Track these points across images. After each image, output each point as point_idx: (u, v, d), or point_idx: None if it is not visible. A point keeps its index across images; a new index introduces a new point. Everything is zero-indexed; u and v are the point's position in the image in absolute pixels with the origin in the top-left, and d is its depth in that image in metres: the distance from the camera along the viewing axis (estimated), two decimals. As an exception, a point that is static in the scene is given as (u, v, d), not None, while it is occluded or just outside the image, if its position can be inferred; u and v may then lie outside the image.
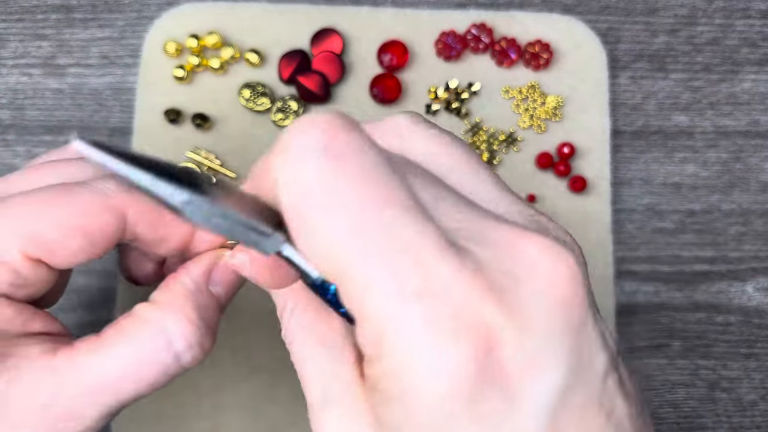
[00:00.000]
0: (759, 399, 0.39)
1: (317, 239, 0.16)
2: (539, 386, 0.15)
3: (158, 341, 0.22)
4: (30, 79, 0.40)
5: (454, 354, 0.15)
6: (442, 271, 0.15)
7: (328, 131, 0.16)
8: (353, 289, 0.16)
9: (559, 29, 0.41)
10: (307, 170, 0.16)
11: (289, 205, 0.16)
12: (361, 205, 0.16)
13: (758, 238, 0.40)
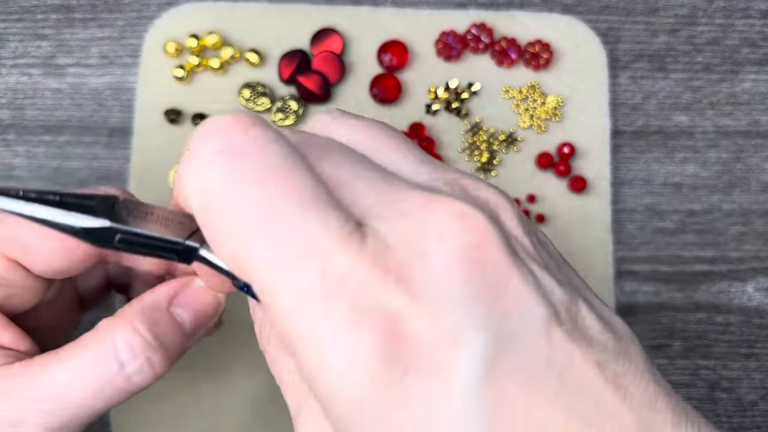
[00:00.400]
0: (759, 399, 0.39)
1: (223, 241, 0.16)
2: (459, 360, 0.14)
3: (103, 349, 0.22)
4: (30, 78, 0.40)
5: (357, 344, 0.14)
6: (341, 260, 0.15)
7: (228, 132, 0.16)
8: (261, 291, 0.16)
9: (559, 29, 0.41)
10: (209, 173, 0.16)
11: (196, 210, 0.17)
12: (259, 202, 0.15)
13: (759, 238, 0.40)
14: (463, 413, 0.14)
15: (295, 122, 0.39)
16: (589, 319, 0.16)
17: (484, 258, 0.15)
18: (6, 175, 0.39)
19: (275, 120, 0.39)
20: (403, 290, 0.15)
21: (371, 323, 0.14)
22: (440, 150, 0.39)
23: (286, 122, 0.39)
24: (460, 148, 0.40)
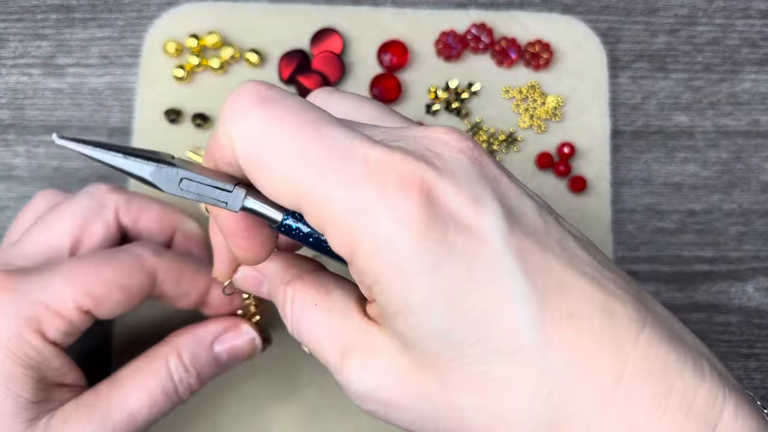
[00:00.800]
0: (759, 399, 0.39)
1: (274, 174, 0.19)
2: (485, 216, 0.19)
3: (163, 373, 0.28)
4: (30, 78, 0.40)
5: (407, 204, 0.18)
6: (378, 153, 0.19)
7: (257, 88, 0.20)
8: (316, 206, 0.19)
9: (559, 29, 0.41)
10: (252, 119, 0.19)
11: (245, 155, 0.20)
12: (299, 130, 0.19)
13: (759, 238, 0.40)
14: (500, 258, 0.19)
15: (295, 122, 0.39)
16: (569, 226, 0.22)
17: (479, 158, 0.20)
18: (6, 175, 0.39)
19: (275, 120, 0.39)
20: (432, 168, 0.19)
21: (416, 190, 0.19)
22: (440, 150, 0.39)
23: (286, 122, 0.39)
24: (460, 148, 0.40)
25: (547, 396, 0.19)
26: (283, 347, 0.37)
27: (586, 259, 0.20)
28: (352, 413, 0.36)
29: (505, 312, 0.19)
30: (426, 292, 0.19)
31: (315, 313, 0.23)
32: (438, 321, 0.19)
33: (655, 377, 0.19)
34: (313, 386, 0.36)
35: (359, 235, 0.19)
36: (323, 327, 0.23)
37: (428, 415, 0.20)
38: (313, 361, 0.36)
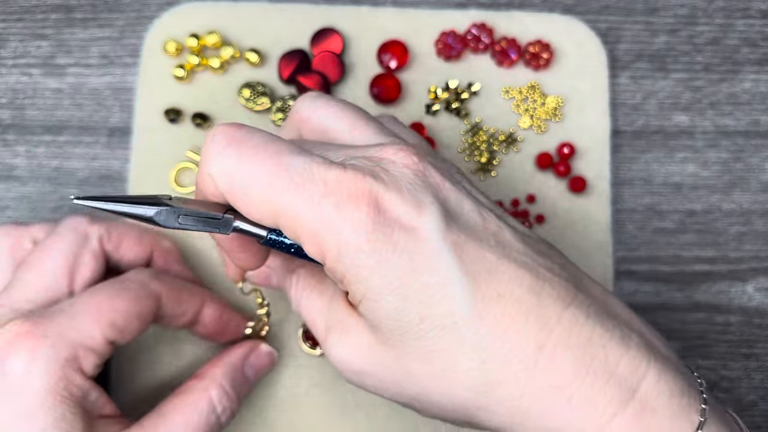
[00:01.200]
0: (759, 399, 0.39)
1: (251, 201, 0.23)
2: (424, 218, 0.23)
3: (205, 407, 0.30)
4: (30, 78, 0.40)
5: (357, 214, 0.22)
6: (333, 175, 0.23)
7: (227, 131, 0.24)
8: (289, 223, 0.23)
9: (559, 29, 0.41)
10: (225, 160, 0.23)
11: (226, 188, 0.24)
12: (265, 162, 0.23)
13: (759, 238, 0.40)
14: (437, 251, 0.23)
15: (295, 122, 0.39)
16: (512, 221, 0.26)
17: (423, 171, 0.24)
18: (6, 175, 0.39)
19: (275, 120, 0.39)
20: (379, 182, 0.23)
21: (364, 202, 0.22)
22: (440, 150, 0.39)
23: (286, 122, 0.39)
24: (459, 149, 0.40)
25: (481, 363, 0.23)
26: (283, 347, 0.37)
27: (520, 249, 0.24)
28: (352, 413, 0.36)
29: (443, 295, 0.23)
30: (378, 282, 0.23)
31: (311, 296, 0.28)
32: (390, 305, 0.23)
33: (577, 347, 0.23)
34: (315, 387, 0.36)
35: (325, 244, 0.23)
36: (316, 307, 0.28)
37: (389, 380, 0.25)
38: (313, 364, 0.37)
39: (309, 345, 0.36)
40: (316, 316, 0.28)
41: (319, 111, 0.29)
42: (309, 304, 0.28)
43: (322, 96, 0.29)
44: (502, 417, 0.24)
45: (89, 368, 0.28)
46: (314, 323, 0.28)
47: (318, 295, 0.28)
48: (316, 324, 0.28)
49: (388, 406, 0.36)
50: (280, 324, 0.37)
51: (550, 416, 0.23)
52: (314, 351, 0.36)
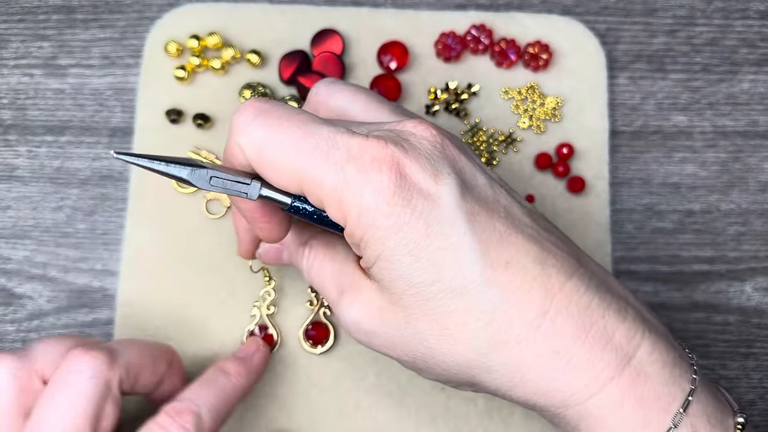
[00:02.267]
0: (757, 398, 0.39)
1: (278, 168, 0.25)
2: (442, 186, 0.24)
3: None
4: (31, 79, 0.41)
5: (379, 177, 0.24)
6: (356, 142, 0.24)
7: (254, 104, 0.25)
8: (313, 188, 0.24)
9: (558, 30, 0.41)
10: (254, 130, 0.25)
11: (254, 157, 0.25)
12: (292, 131, 0.24)
13: (757, 238, 0.40)
14: (452, 218, 0.24)
15: (295, 122, 0.39)
16: (519, 198, 0.27)
17: (441, 143, 0.25)
18: (8, 175, 0.39)
19: (276, 120, 0.39)
20: (402, 149, 0.24)
21: (386, 166, 0.24)
22: (440, 150, 0.40)
23: (287, 122, 0.39)
24: (459, 149, 0.40)
25: (487, 323, 0.24)
26: (282, 347, 0.37)
27: (528, 223, 0.26)
28: (352, 413, 0.36)
29: (455, 259, 0.24)
30: (393, 244, 0.24)
31: (323, 262, 0.29)
32: (403, 266, 0.24)
33: (577, 314, 0.24)
34: (314, 388, 0.37)
35: (347, 206, 0.24)
36: (328, 272, 0.29)
37: (398, 341, 0.26)
38: (314, 361, 0.37)
39: (309, 344, 0.37)
40: (327, 280, 0.29)
41: (335, 94, 0.30)
42: (321, 270, 0.29)
43: (338, 81, 0.31)
44: (503, 378, 0.25)
45: (104, 424, 0.29)
46: (325, 287, 0.29)
47: (330, 260, 0.29)
48: (327, 288, 0.29)
49: (389, 407, 0.36)
50: (280, 323, 0.37)
51: (549, 378, 0.24)
52: (314, 350, 0.37)
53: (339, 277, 0.28)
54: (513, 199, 0.26)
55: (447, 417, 0.36)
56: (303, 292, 0.37)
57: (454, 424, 0.36)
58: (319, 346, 0.37)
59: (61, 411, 0.28)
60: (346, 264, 0.28)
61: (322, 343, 0.37)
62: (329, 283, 0.29)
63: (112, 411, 0.29)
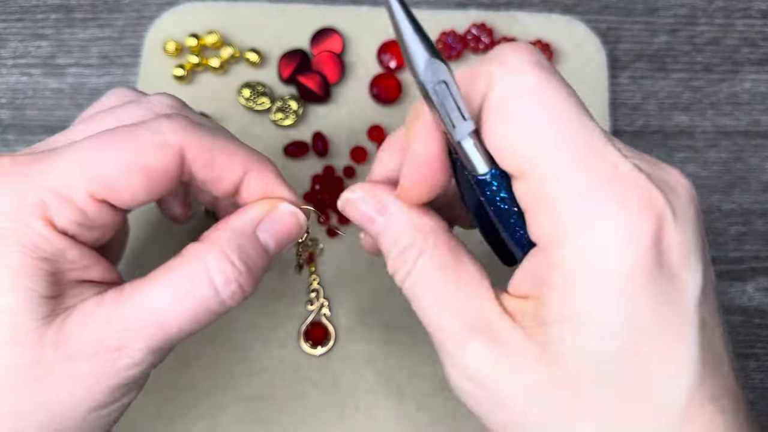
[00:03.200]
0: (759, 398, 0.39)
1: (519, 132, 0.20)
2: (691, 274, 0.19)
3: (199, 275, 0.23)
4: (30, 78, 0.40)
5: (638, 224, 0.18)
6: (625, 168, 0.19)
7: (534, 53, 0.20)
8: (542, 178, 0.19)
9: (559, 29, 0.41)
10: (526, 75, 0.20)
11: (499, 98, 0.20)
12: (564, 109, 0.20)
13: (759, 238, 0.40)
14: (686, 319, 0.19)
15: (294, 122, 0.39)
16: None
17: (700, 214, 0.20)
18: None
19: (275, 120, 0.39)
20: (668, 202, 0.19)
21: (651, 213, 0.19)
22: (440, 150, 0.39)
23: (286, 122, 0.39)
24: (459, 148, 0.40)
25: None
26: (282, 347, 0.37)
27: (730, 358, 0.21)
28: (351, 414, 0.36)
29: (666, 373, 0.19)
30: (612, 314, 0.19)
31: (443, 283, 0.22)
32: (607, 346, 0.19)
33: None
34: (314, 388, 0.36)
35: (572, 227, 0.19)
36: (449, 298, 0.22)
37: (512, 409, 0.20)
38: (313, 362, 0.37)
39: (309, 345, 0.36)
40: (446, 309, 0.21)
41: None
42: (438, 293, 0.22)
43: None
44: None
45: (62, 221, 0.23)
46: (439, 316, 0.22)
47: (454, 283, 0.22)
48: (442, 318, 0.21)
49: (388, 408, 0.36)
50: (280, 323, 0.37)
51: None
52: (314, 351, 0.36)
53: (466, 312, 0.21)
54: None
55: (447, 417, 0.36)
56: (303, 292, 0.37)
57: (454, 425, 0.36)
58: (319, 347, 0.36)
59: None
60: (479, 296, 0.21)
61: (322, 344, 0.37)
62: (447, 314, 0.21)
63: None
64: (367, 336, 0.37)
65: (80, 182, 0.23)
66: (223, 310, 0.24)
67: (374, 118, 0.40)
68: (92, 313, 0.23)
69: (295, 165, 0.39)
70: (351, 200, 0.24)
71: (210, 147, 0.25)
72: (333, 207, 0.38)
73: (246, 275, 0.24)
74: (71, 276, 0.24)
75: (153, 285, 0.23)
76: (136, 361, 0.23)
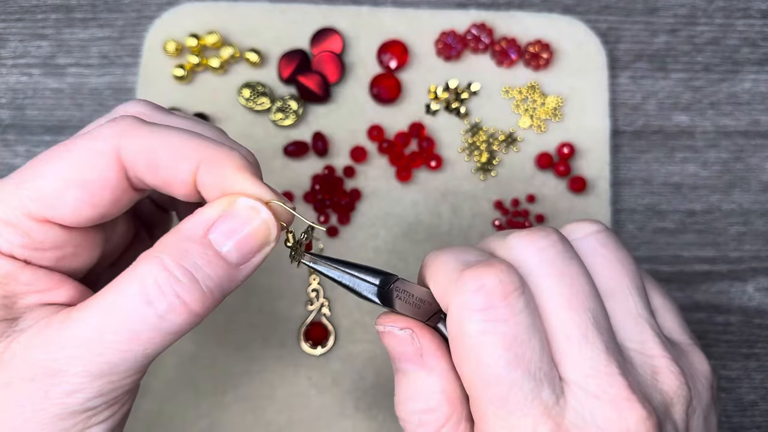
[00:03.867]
0: (759, 399, 0.39)
1: (463, 366, 0.21)
2: None
3: (132, 287, 0.20)
4: (30, 78, 0.40)
5: None
6: (543, 429, 0.20)
7: (492, 295, 0.21)
8: (478, 410, 0.21)
9: (559, 29, 0.41)
10: (470, 321, 0.21)
11: (451, 333, 0.21)
12: (500, 362, 0.20)
13: (759, 238, 0.40)
14: None
15: (295, 122, 0.39)
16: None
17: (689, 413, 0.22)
18: (6, 174, 0.39)
19: (275, 120, 0.39)
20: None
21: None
22: (440, 150, 0.39)
23: (286, 122, 0.39)
24: (459, 148, 0.40)
25: None
26: (282, 348, 0.37)
27: None
28: (351, 413, 0.36)
29: None
30: None
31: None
32: None
33: None
34: (313, 388, 0.36)
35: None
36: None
37: None
38: (313, 362, 0.37)
39: (309, 345, 0.36)
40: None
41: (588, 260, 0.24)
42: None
43: (607, 234, 0.24)
44: None
45: (5, 245, 0.22)
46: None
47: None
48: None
49: (388, 408, 0.36)
50: (280, 323, 0.37)
51: None
52: (314, 351, 0.36)
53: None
54: None
55: (447, 418, 0.36)
56: (303, 292, 0.37)
57: (455, 425, 0.36)
58: (319, 347, 0.36)
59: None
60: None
61: (322, 344, 0.37)
62: None
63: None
64: (367, 336, 0.37)
65: (17, 203, 0.22)
66: (169, 328, 0.21)
67: (374, 118, 0.40)
68: (37, 335, 0.21)
69: (295, 165, 0.39)
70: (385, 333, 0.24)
71: (149, 146, 0.22)
72: (333, 207, 0.38)
73: (188, 286, 0.21)
74: (30, 300, 0.22)
75: (95, 301, 0.21)
76: (76, 388, 0.20)
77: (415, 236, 0.38)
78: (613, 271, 0.23)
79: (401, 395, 0.23)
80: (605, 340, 0.21)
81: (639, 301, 0.23)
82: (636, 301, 0.23)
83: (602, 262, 0.23)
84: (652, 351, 0.22)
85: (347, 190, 0.39)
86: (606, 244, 0.23)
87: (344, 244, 0.38)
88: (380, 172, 0.39)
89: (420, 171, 0.39)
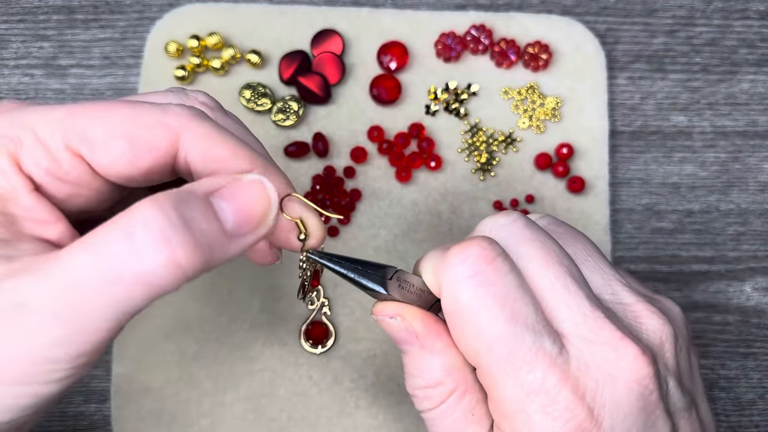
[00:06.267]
0: (757, 398, 0.39)
1: (463, 337, 0.23)
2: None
3: (120, 228, 0.19)
4: (32, 79, 0.41)
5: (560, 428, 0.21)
6: (553, 377, 0.22)
7: (477, 261, 0.22)
8: (487, 377, 0.23)
9: (558, 30, 0.41)
10: (462, 291, 0.22)
11: (447, 310, 0.23)
12: (499, 320, 0.22)
13: (756, 238, 0.40)
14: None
15: (295, 123, 0.39)
16: (695, 416, 0.25)
17: (648, 393, 0.23)
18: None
19: (276, 120, 0.39)
20: (590, 415, 0.22)
21: (571, 427, 0.22)
22: (440, 150, 0.40)
23: (287, 123, 0.39)
24: (459, 149, 0.40)
25: None
26: (283, 347, 0.37)
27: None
28: (352, 412, 0.36)
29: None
30: None
31: (468, 423, 0.24)
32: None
33: None
34: (314, 387, 0.37)
35: (512, 424, 0.22)
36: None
37: None
38: (314, 361, 0.37)
39: (310, 344, 0.37)
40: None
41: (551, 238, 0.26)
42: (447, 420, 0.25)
43: (554, 220, 0.27)
44: None
45: (29, 163, 0.22)
46: None
47: (476, 426, 0.25)
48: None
49: (388, 406, 0.36)
50: (281, 322, 0.37)
51: None
52: (314, 350, 0.37)
53: None
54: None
55: (447, 417, 0.36)
56: (303, 292, 0.38)
57: (454, 423, 0.36)
58: (319, 346, 0.37)
59: None
60: None
61: (322, 343, 0.37)
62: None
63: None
64: (367, 335, 0.37)
65: (60, 129, 0.22)
66: (150, 279, 0.19)
67: (374, 119, 0.40)
68: (22, 280, 0.19)
69: (295, 165, 0.39)
70: (391, 323, 0.25)
71: (211, 139, 0.23)
72: (333, 207, 0.38)
73: (181, 232, 0.19)
74: (26, 227, 0.21)
75: (78, 242, 0.19)
76: (41, 327, 0.19)
77: (415, 236, 0.38)
78: (570, 240, 0.25)
79: (407, 373, 0.25)
80: (585, 290, 0.23)
81: (601, 259, 0.25)
82: (598, 260, 0.25)
83: (558, 234, 0.25)
84: (628, 299, 0.24)
85: (347, 190, 0.39)
86: (553, 222, 0.26)
87: (344, 244, 0.38)
88: (380, 173, 0.39)
89: (420, 171, 0.39)
